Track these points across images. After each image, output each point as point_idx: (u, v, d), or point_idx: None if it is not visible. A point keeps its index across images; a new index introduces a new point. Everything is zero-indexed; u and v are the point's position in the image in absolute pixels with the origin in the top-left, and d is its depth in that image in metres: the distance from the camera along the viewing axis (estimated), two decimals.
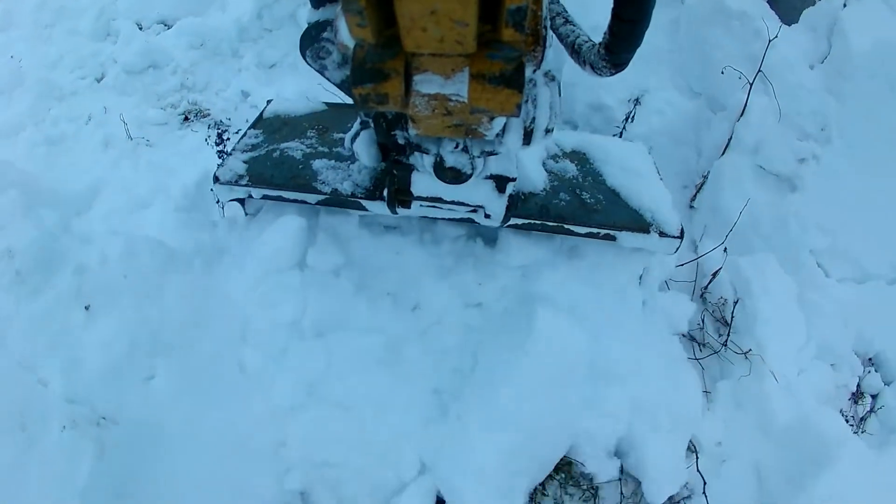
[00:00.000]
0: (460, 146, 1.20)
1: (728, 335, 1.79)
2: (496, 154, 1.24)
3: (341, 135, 1.67)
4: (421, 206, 1.43)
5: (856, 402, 2.03)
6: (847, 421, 1.96)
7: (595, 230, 1.52)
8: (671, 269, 1.81)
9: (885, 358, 2.09)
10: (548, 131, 1.14)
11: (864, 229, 2.01)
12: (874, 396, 2.06)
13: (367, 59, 0.74)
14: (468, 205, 1.40)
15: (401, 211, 1.47)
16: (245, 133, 1.74)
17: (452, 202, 1.39)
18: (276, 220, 1.60)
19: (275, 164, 1.59)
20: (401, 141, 1.25)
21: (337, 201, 1.52)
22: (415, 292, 1.60)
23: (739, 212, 1.80)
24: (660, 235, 1.52)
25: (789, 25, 1.99)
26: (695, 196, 1.98)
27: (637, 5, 0.84)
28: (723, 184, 1.88)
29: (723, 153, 1.92)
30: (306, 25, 1.04)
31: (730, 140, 1.89)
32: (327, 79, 1.06)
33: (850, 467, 1.61)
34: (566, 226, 1.52)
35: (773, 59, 1.91)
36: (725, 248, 1.78)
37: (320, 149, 1.65)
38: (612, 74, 1.02)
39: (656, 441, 1.52)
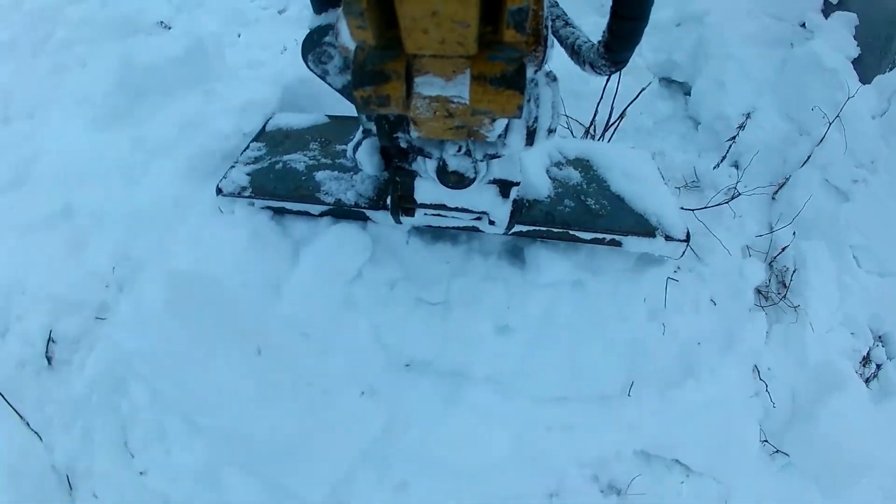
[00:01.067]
0: (463, 150, 1.21)
1: (786, 294, 2.51)
2: (499, 157, 1.24)
3: (344, 146, 1.68)
4: (425, 214, 1.44)
5: (864, 366, 2.75)
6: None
7: (601, 235, 1.54)
8: None
9: (891, 338, 2.80)
10: (550, 131, 1.16)
11: (891, 238, 2.72)
12: (879, 365, 2.77)
13: (368, 61, 0.75)
14: (472, 211, 1.41)
15: (404, 220, 1.48)
16: (248, 146, 1.74)
17: (456, 208, 1.39)
18: (328, 231, 1.59)
19: (277, 176, 1.60)
20: (403, 145, 1.24)
21: (340, 212, 1.54)
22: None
23: (804, 203, 2.53)
24: (666, 239, 1.54)
25: (864, 84, 2.70)
26: (776, 192, 2.70)
27: (636, 4, 0.85)
28: (798, 186, 2.60)
29: (801, 166, 2.63)
30: (308, 30, 1.04)
31: (808, 158, 2.60)
32: (329, 84, 1.07)
33: (852, 398, 2.36)
34: (571, 231, 1.52)
35: (849, 108, 2.62)
36: (794, 232, 2.50)
37: (323, 160, 1.65)
38: (611, 73, 1.05)
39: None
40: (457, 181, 1.24)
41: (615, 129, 2.45)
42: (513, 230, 1.49)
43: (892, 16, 2.80)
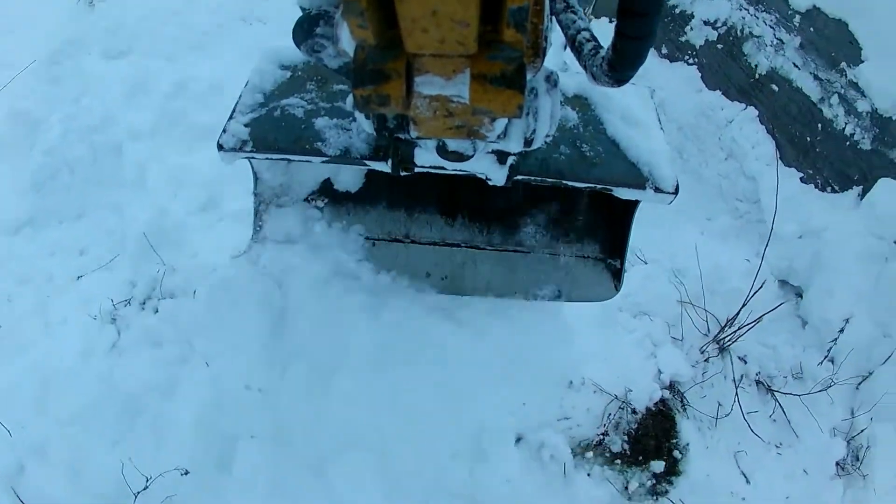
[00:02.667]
0: None
1: (859, 466, 3.23)
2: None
3: (341, 86, 1.66)
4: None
5: None
6: None
7: (592, 185, 1.58)
8: None
9: None
10: (548, 136, 1.18)
11: None
12: None
13: (369, 61, 0.75)
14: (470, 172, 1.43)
15: (405, 173, 1.48)
16: (242, 93, 1.67)
17: (455, 170, 1.42)
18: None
19: (277, 126, 1.57)
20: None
21: (342, 161, 1.54)
22: None
23: (882, 395, 3.24)
24: (655, 191, 1.56)
25: None
26: (860, 384, 3.38)
27: (641, 23, 0.84)
28: (879, 379, 3.29)
29: (883, 363, 3.31)
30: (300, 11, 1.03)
31: (889, 356, 3.29)
32: (324, 66, 1.07)
33: None
34: (565, 182, 1.56)
35: None
36: (871, 417, 3.22)
37: (321, 104, 1.62)
38: (612, 87, 1.05)
39: None
40: (456, 158, 1.28)
41: (747, 331, 3.10)
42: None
43: None
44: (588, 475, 2.61)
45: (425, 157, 1.37)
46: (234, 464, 2.08)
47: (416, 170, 1.43)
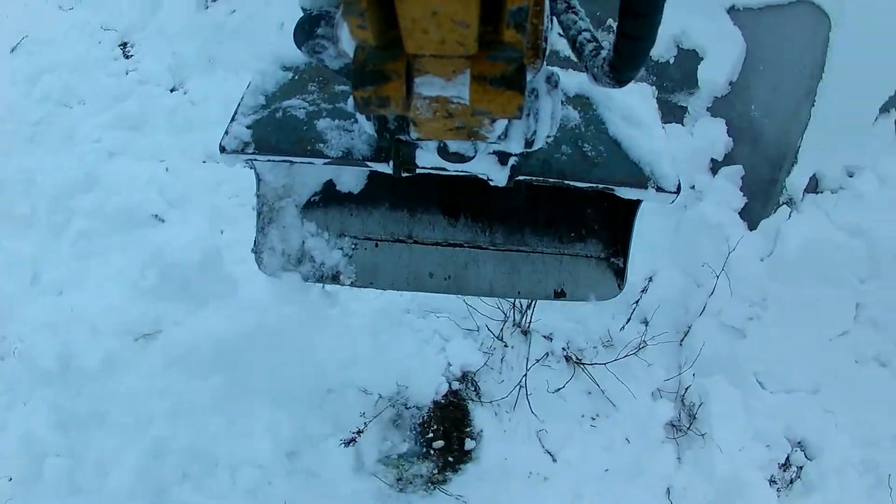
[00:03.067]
0: None
1: (691, 424, 3.08)
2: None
3: (342, 87, 1.68)
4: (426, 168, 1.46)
5: (784, 470, 3.24)
6: (774, 482, 3.16)
7: (594, 185, 1.59)
8: None
9: (809, 442, 3.28)
10: (549, 136, 1.18)
11: (791, 360, 3.21)
12: (800, 467, 3.25)
13: (368, 62, 0.75)
14: (472, 173, 1.45)
15: (406, 174, 1.49)
16: (244, 94, 1.69)
17: (456, 171, 1.43)
18: None
19: (279, 127, 1.59)
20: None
21: (344, 163, 1.55)
22: None
23: (700, 348, 3.07)
24: (657, 190, 1.58)
25: (752, 230, 3.20)
26: (682, 339, 3.26)
27: (643, 24, 0.84)
28: (698, 333, 3.14)
29: (700, 314, 3.18)
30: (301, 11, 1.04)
31: (704, 307, 3.15)
32: (325, 67, 1.08)
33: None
34: (567, 182, 1.57)
35: (736, 256, 3.15)
36: (694, 374, 3.05)
37: (323, 105, 1.64)
38: (613, 88, 1.05)
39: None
40: (457, 160, 1.29)
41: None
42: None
43: (774, 160, 3.29)
44: (354, 473, 2.70)
45: (427, 159, 1.39)
46: None
47: (418, 171, 1.44)
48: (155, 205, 3.43)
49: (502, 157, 1.37)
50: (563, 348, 3.15)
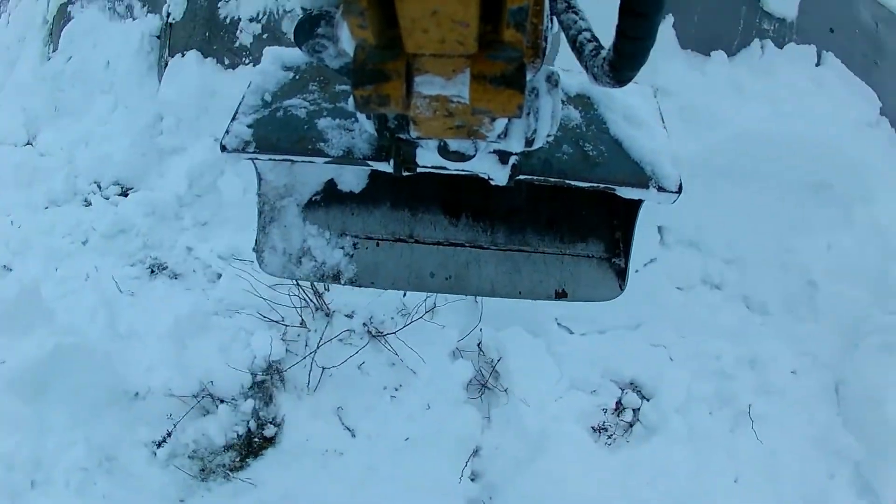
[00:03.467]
0: None
1: (487, 380, 3.01)
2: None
3: (343, 87, 1.70)
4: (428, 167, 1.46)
5: (618, 415, 3.09)
6: (604, 429, 3.01)
7: (595, 185, 1.60)
8: None
9: (641, 382, 3.12)
10: (549, 135, 1.19)
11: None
12: (636, 410, 3.09)
13: (368, 61, 0.75)
14: (473, 172, 1.45)
15: (407, 173, 1.50)
16: (245, 93, 1.70)
17: (457, 171, 1.44)
18: None
19: (279, 127, 1.60)
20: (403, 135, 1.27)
21: (345, 162, 1.56)
22: None
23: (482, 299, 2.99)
24: (658, 190, 1.58)
25: None
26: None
27: (642, 23, 0.84)
28: None
29: None
30: (301, 12, 1.04)
31: None
32: (326, 66, 1.09)
33: (568, 456, 2.81)
34: (568, 181, 1.58)
35: None
36: (481, 329, 2.98)
37: (324, 105, 1.65)
38: (613, 87, 1.05)
39: None
40: (458, 158, 1.30)
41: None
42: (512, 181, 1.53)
43: None
44: (162, 469, 2.92)
45: (427, 157, 1.40)
46: None
47: (419, 170, 1.46)
48: (3, 257, 3.79)
49: (503, 157, 1.38)
50: (364, 324, 3.18)
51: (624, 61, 0.91)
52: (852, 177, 3.33)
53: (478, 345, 3.02)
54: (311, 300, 3.17)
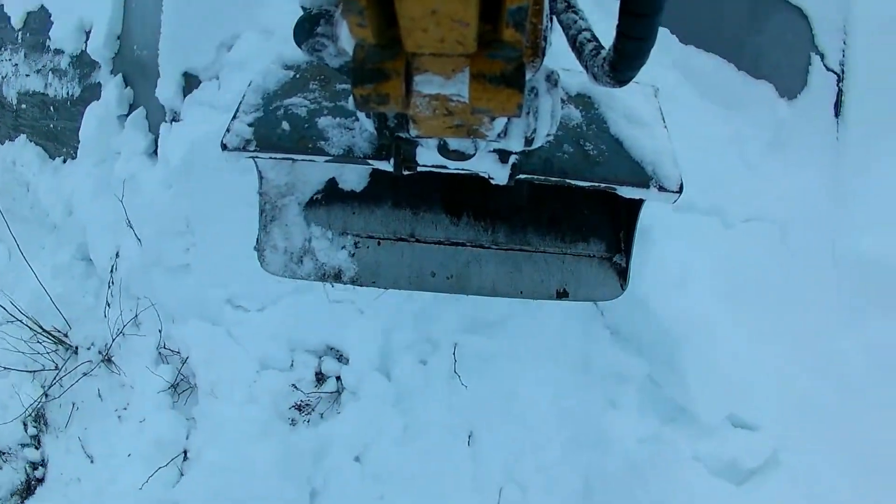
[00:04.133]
0: None
1: (178, 380, 2.87)
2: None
3: (343, 85, 1.69)
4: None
5: (320, 385, 2.79)
6: (307, 405, 2.72)
7: (596, 184, 1.59)
8: None
9: (336, 344, 2.79)
10: (549, 135, 1.18)
11: (249, 270, 2.73)
12: (338, 378, 2.78)
13: (368, 60, 0.75)
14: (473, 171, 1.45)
15: (407, 172, 1.50)
16: (245, 93, 1.69)
17: (457, 170, 1.43)
18: None
19: (280, 126, 1.59)
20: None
21: (345, 160, 1.56)
22: None
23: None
24: (659, 190, 1.57)
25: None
26: None
27: (643, 24, 0.83)
28: None
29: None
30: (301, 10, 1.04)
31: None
32: (325, 65, 1.10)
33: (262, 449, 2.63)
34: (568, 181, 1.57)
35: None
36: (160, 329, 2.82)
37: (324, 103, 1.64)
38: (613, 87, 1.05)
39: None
40: (457, 157, 1.30)
41: None
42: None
43: None
44: None
45: (427, 156, 1.40)
46: None
47: (419, 168, 1.46)
48: None
49: (503, 156, 1.38)
50: (100, 351, 3.20)
51: (624, 61, 0.92)
52: None
53: (165, 346, 2.89)
54: (58, 341, 3.27)
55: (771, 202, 2.71)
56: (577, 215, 1.99)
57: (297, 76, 1.71)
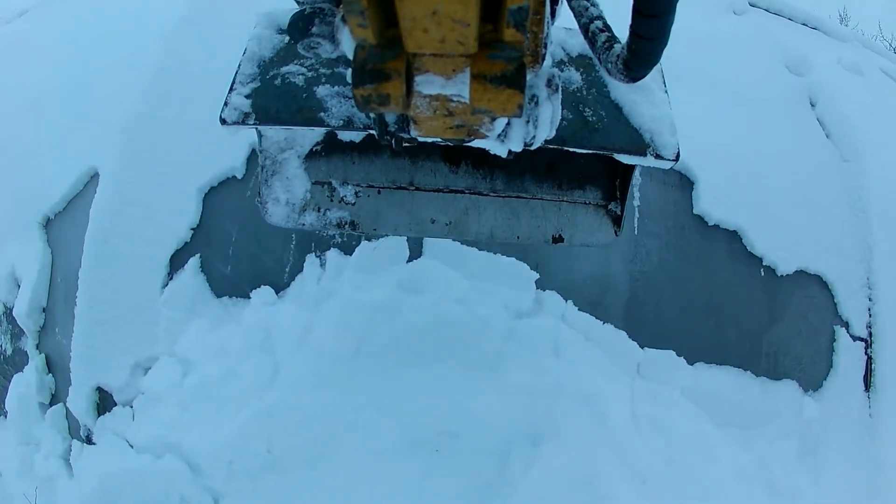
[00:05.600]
0: None
1: None
2: None
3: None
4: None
5: None
6: None
7: (593, 151, 1.59)
8: None
9: None
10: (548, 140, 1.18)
11: None
12: None
13: (369, 60, 0.75)
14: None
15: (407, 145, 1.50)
16: (240, 63, 1.66)
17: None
18: None
19: (278, 95, 1.57)
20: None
21: (346, 129, 1.56)
22: None
23: None
24: (655, 157, 1.57)
25: None
26: None
27: (656, 24, 0.83)
28: None
29: None
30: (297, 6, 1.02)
31: None
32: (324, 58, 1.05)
33: None
34: (566, 148, 1.57)
35: None
36: None
37: (322, 71, 1.61)
38: (626, 83, 1.05)
39: None
40: (457, 141, 1.31)
41: None
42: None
43: None
44: None
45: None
46: None
47: (419, 140, 1.45)
48: None
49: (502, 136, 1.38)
50: None
51: (637, 60, 0.92)
52: None
53: None
54: None
55: None
56: (574, 164, 1.99)
57: (293, 41, 1.59)
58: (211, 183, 2.51)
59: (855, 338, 2.56)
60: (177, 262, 2.47)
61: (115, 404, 2.53)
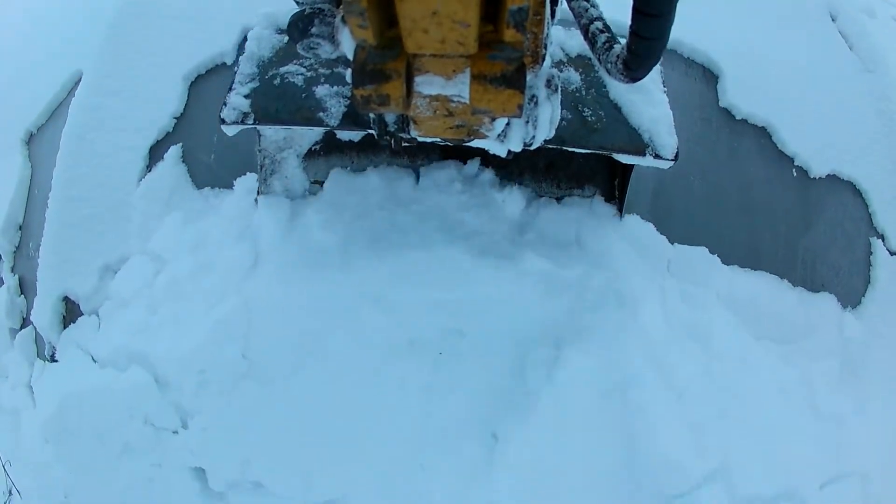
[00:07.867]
0: None
1: None
2: None
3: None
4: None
5: None
6: None
7: (593, 151, 1.58)
8: None
9: None
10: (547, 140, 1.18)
11: None
12: None
13: (369, 61, 0.74)
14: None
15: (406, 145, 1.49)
16: (238, 62, 1.65)
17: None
18: None
19: (277, 95, 1.56)
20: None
21: (345, 129, 1.55)
22: None
23: None
24: (654, 157, 1.57)
25: None
26: None
27: (655, 24, 0.83)
28: None
29: None
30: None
31: None
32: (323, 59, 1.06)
33: None
34: (566, 147, 1.56)
35: None
36: None
37: (321, 71, 1.60)
38: (625, 83, 1.04)
39: None
40: (457, 142, 1.29)
41: None
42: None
43: None
44: None
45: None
46: None
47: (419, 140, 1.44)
48: None
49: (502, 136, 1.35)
50: None
51: (637, 60, 0.93)
52: None
53: None
54: None
55: (847, 452, 2.13)
56: (574, 162, 1.99)
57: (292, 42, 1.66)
58: (198, 70, 2.29)
59: (892, 252, 2.33)
60: (157, 153, 2.21)
61: (82, 314, 2.21)
